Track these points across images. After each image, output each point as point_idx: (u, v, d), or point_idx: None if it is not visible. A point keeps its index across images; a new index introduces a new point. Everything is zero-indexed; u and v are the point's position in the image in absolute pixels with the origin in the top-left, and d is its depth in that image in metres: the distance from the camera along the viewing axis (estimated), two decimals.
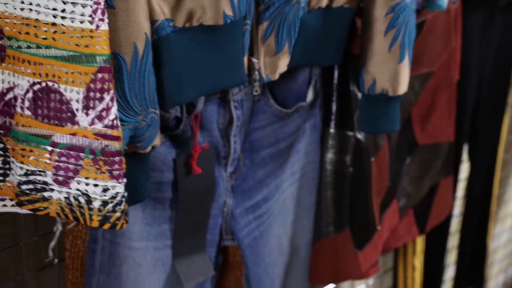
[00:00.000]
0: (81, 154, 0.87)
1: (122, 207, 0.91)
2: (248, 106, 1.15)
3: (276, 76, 1.10)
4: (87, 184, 0.89)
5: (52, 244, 1.14)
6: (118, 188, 0.89)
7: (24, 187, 0.90)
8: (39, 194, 0.90)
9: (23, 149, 0.88)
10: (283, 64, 1.10)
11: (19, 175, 0.90)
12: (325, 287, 1.68)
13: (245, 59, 1.04)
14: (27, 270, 1.20)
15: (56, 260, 1.18)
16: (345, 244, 1.36)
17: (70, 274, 1.15)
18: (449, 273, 2.20)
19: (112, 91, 0.85)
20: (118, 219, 0.91)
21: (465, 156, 1.82)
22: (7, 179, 0.93)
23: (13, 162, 0.90)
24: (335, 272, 1.38)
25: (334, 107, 1.28)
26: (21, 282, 1.20)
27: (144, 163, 0.96)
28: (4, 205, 0.95)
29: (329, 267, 1.37)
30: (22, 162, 0.89)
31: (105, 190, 0.89)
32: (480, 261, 2.10)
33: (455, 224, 2.09)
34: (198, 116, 1.09)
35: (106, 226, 0.91)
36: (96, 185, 0.89)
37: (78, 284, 1.16)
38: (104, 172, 0.88)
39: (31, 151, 0.88)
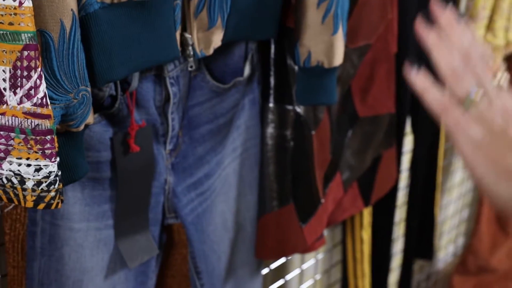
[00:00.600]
0: (12, 134, 0.87)
1: (56, 186, 0.90)
2: (184, 83, 1.14)
3: (211, 51, 1.10)
4: (19, 164, 0.88)
5: None
6: (51, 167, 0.89)
7: None
8: None
9: None
10: (217, 39, 1.10)
11: None
12: (276, 262, 1.69)
13: (178, 34, 1.04)
14: None
15: None
16: (289, 218, 1.37)
17: (11, 258, 1.14)
18: (398, 245, 2.23)
19: (39, 69, 0.84)
20: (53, 198, 0.91)
21: (408, 128, 1.84)
22: None
23: None
24: (281, 246, 1.39)
25: (272, 82, 1.29)
26: None
27: (77, 142, 0.96)
28: None
29: (275, 241, 1.38)
30: None
31: (38, 169, 0.88)
32: (428, 232, 2.13)
33: (402, 197, 2.12)
34: (133, 93, 1.09)
35: (41, 206, 0.91)
36: (28, 165, 0.88)
37: (20, 267, 1.15)
38: (36, 152, 0.87)
39: None
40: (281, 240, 1.38)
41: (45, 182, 0.89)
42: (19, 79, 0.84)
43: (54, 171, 0.89)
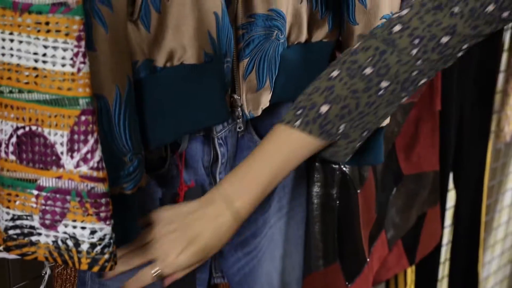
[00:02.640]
0: (67, 197, 0.88)
1: (110, 249, 0.91)
2: (232, 143, 1.15)
3: (259, 112, 1.11)
4: (74, 227, 0.89)
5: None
6: (106, 230, 0.89)
7: (11, 232, 0.90)
8: (26, 238, 0.90)
9: (9, 194, 0.88)
10: (266, 99, 1.11)
11: (6, 220, 0.90)
12: None
13: (227, 96, 1.05)
14: None
15: None
16: (335, 278, 1.36)
17: None
18: None
19: (96, 134, 0.86)
20: (107, 261, 0.91)
21: (451, 184, 1.83)
22: None
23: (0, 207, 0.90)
24: None
25: None
26: None
27: (131, 204, 0.97)
28: None
29: None
30: (8, 207, 0.89)
31: (93, 232, 0.89)
32: None
33: (445, 253, 2.10)
34: (182, 154, 1.09)
35: (95, 268, 0.91)
36: (83, 228, 0.89)
37: None
38: (91, 214, 0.88)
39: (17, 195, 0.88)
40: None
41: (100, 244, 0.90)
42: (76, 143, 0.85)
43: (108, 234, 0.90)
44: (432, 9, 0.94)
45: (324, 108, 0.99)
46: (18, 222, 0.89)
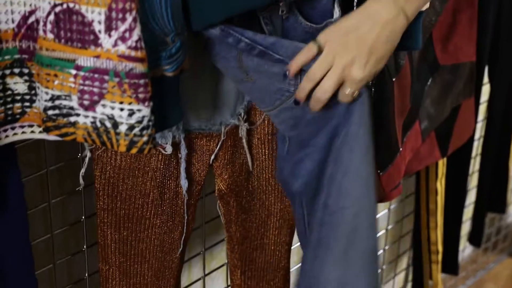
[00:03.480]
0: (106, 77, 0.87)
1: (149, 131, 0.90)
2: (278, 24, 1.13)
3: None
4: (112, 108, 0.89)
5: (83, 171, 1.15)
6: (144, 111, 0.89)
7: (50, 112, 0.91)
8: (65, 119, 0.91)
9: (48, 74, 0.88)
10: None
11: (45, 100, 0.90)
12: None
13: None
14: (53, 198, 1.21)
15: (81, 187, 1.20)
16: None
17: (101, 201, 1.17)
18: (470, 198, 2.20)
19: (134, 11, 0.84)
20: (146, 143, 0.91)
21: (486, 78, 1.81)
22: (34, 105, 0.93)
23: (38, 88, 0.90)
24: None
25: None
26: (47, 210, 1.21)
27: (173, 87, 0.95)
28: (32, 132, 0.95)
29: None
30: (47, 87, 0.89)
31: (131, 113, 0.89)
32: (502, 185, 2.10)
33: (477, 148, 2.09)
34: None
35: (133, 150, 0.91)
36: (122, 109, 0.89)
37: (109, 210, 1.17)
38: (129, 96, 0.88)
39: (55, 75, 0.88)
40: None
41: (138, 126, 0.89)
42: (114, 21, 0.84)
43: (147, 116, 0.89)
44: None
45: None
46: (57, 102, 0.90)
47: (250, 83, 1.07)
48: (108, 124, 0.90)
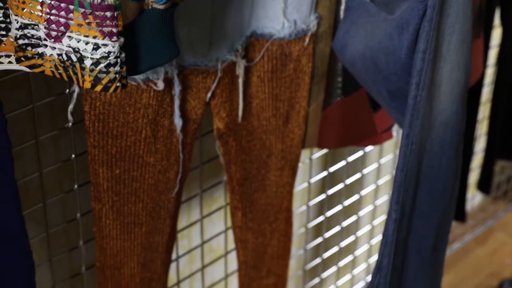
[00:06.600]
0: (71, 7, 0.83)
1: (116, 68, 0.86)
2: None
3: None
4: (78, 41, 0.85)
5: (71, 106, 1.12)
6: (110, 47, 0.85)
7: (20, 41, 0.88)
8: (34, 49, 0.88)
9: (17, 0, 0.85)
10: None
11: (16, 29, 0.87)
12: (353, 155, 1.67)
13: None
14: (43, 134, 1.19)
15: (70, 124, 1.17)
16: (361, 103, 1.33)
17: (92, 137, 1.14)
18: (480, 145, 2.17)
19: None
20: (111, 81, 0.87)
21: (497, 21, 1.76)
22: (9, 33, 0.90)
23: (11, 15, 0.87)
24: (347, 133, 1.35)
25: None
26: (36, 146, 1.18)
27: (165, 21, 0.90)
28: (10, 62, 0.92)
29: (342, 128, 1.34)
30: (17, 15, 0.86)
31: (96, 48, 0.85)
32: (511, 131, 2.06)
33: (487, 94, 2.05)
34: None
35: (98, 88, 0.87)
36: (87, 43, 0.85)
37: (100, 147, 1.15)
38: (94, 28, 0.84)
39: (23, 2, 0.84)
40: (349, 127, 1.35)
41: (103, 62, 0.85)
42: None
43: (114, 52, 0.85)
44: None
45: None
46: (26, 31, 0.87)
47: None
48: (74, 57, 0.86)
